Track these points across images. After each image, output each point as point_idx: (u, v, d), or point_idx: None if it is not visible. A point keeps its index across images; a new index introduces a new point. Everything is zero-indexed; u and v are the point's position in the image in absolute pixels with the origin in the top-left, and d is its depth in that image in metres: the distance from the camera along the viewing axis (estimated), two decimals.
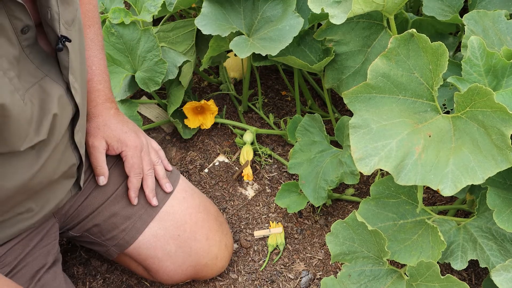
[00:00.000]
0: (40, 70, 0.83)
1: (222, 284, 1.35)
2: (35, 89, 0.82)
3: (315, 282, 1.35)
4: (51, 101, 0.86)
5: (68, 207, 1.16)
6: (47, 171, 0.94)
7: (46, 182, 0.96)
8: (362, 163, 0.93)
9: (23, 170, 0.87)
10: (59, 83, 0.87)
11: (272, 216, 1.51)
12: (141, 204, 1.20)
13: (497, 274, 0.90)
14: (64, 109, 0.89)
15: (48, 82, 0.85)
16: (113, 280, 1.37)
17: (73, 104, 0.92)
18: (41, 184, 0.95)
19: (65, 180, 1.04)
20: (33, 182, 0.91)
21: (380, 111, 0.99)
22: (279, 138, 1.72)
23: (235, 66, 1.85)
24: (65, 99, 0.89)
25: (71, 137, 0.99)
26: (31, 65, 0.82)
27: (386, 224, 1.13)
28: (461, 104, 0.93)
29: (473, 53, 0.98)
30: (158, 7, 1.45)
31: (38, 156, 0.88)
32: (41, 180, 0.94)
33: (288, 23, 1.34)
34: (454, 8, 1.32)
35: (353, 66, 1.36)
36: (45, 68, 0.84)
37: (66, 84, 0.88)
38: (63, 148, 0.98)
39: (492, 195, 0.99)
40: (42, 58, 0.84)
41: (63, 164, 0.99)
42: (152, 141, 1.27)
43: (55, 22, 0.82)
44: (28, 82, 0.81)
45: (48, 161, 0.92)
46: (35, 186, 0.93)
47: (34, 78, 0.82)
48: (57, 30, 0.83)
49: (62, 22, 0.85)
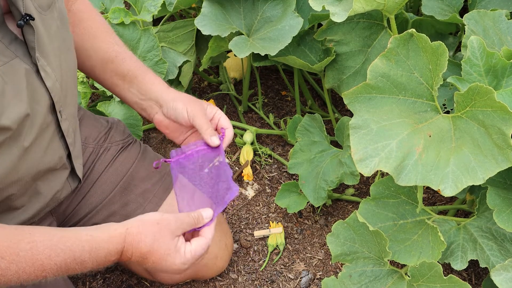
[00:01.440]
0: (9, 50, 0.84)
1: (222, 284, 1.35)
2: (7, 68, 0.82)
3: (315, 282, 1.35)
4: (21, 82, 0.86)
5: (66, 205, 1.16)
6: (32, 159, 0.93)
7: (34, 172, 0.96)
8: (363, 164, 0.93)
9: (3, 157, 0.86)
10: (28, 64, 0.87)
11: (272, 216, 1.51)
12: (139, 203, 1.20)
13: (497, 273, 0.90)
14: (36, 92, 0.89)
15: (18, 63, 0.85)
16: (113, 280, 1.37)
17: (45, 88, 0.92)
18: (29, 173, 0.94)
19: (57, 171, 1.04)
20: (18, 170, 0.91)
21: (380, 112, 0.99)
22: (279, 138, 1.71)
23: (235, 66, 1.85)
24: (36, 81, 0.89)
25: (58, 125, 0.99)
26: (1, 44, 0.82)
27: (386, 224, 1.13)
28: (461, 104, 0.93)
29: (473, 53, 0.97)
30: (158, 7, 1.45)
31: (16, 142, 0.88)
32: (28, 169, 0.93)
33: (287, 23, 1.34)
34: (453, 7, 1.32)
35: (353, 66, 1.36)
36: (13, 47, 0.85)
37: (35, 66, 0.89)
38: (49, 137, 0.97)
39: (492, 194, 0.99)
40: (11, 39, 0.85)
41: (50, 153, 0.98)
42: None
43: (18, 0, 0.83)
44: None
45: (31, 148, 0.92)
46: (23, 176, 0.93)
47: (5, 58, 0.83)
48: (21, 8, 0.83)
49: (35, 5, 0.86)
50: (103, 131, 1.25)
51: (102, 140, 1.24)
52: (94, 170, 1.21)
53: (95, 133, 1.23)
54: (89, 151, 1.21)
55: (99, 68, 1.19)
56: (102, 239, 0.91)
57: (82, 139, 1.20)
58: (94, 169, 1.21)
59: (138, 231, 0.94)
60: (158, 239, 0.94)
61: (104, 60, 1.18)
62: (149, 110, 1.17)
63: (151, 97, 1.16)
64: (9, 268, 0.82)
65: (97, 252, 0.90)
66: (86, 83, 1.56)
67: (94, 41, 1.18)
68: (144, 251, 0.94)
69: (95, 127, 1.25)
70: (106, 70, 1.18)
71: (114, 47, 1.19)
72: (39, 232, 0.88)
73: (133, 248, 0.93)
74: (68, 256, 0.87)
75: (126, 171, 1.23)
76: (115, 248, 0.92)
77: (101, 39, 1.19)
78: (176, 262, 0.96)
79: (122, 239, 0.93)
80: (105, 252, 0.91)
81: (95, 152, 1.22)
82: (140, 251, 0.94)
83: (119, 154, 1.24)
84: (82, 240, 0.89)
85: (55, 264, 0.86)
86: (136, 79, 1.17)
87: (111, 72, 1.18)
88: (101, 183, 1.20)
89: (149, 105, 1.17)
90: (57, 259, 0.86)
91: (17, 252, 0.83)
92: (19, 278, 0.83)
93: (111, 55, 1.18)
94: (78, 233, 0.91)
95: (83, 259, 0.89)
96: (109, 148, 1.24)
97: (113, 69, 1.18)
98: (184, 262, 0.96)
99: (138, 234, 0.94)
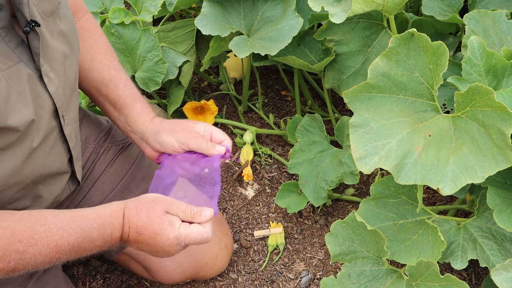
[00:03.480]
0: (15, 54, 0.84)
1: (222, 284, 1.35)
2: (12, 72, 0.83)
3: (315, 282, 1.35)
4: (25, 87, 0.86)
5: (66, 205, 1.16)
6: (35, 163, 0.94)
7: (35, 175, 0.96)
8: (362, 162, 0.93)
9: (8, 160, 0.87)
10: (32, 69, 0.88)
11: (272, 216, 1.51)
12: None
13: (496, 273, 0.90)
14: (39, 97, 0.89)
15: (22, 68, 0.86)
16: (113, 280, 1.37)
17: (48, 94, 0.92)
18: (31, 177, 0.95)
19: (58, 175, 1.04)
20: (20, 173, 0.91)
21: (380, 111, 0.99)
22: (279, 138, 1.72)
23: (235, 66, 1.85)
24: (39, 86, 0.90)
25: (61, 130, 0.99)
26: (7, 48, 0.83)
27: (386, 224, 1.13)
28: (461, 104, 0.93)
29: (473, 53, 0.98)
30: (158, 7, 1.45)
31: (22, 146, 0.88)
32: (30, 172, 0.94)
33: (287, 23, 1.34)
34: (453, 7, 1.32)
35: (353, 66, 1.36)
36: (19, 51, 0.85)
37: (39, 71, 0.89)
38: (52, 142, 0.97)
39: (492, 194, 0.99)
40: (17, 43, 0.85)
41: (53, 157, 0.99)
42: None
43: (23, 6, 0.83)
44: (4, 64, 0.82)
45: (35, 153, 0.92)
46: (24, 179, 0.93)
47: (10, 61, 0.83)
48: (26, 14, 0.83)
49: (39, 11, 0.87)
50: (103, 131, 1.25)
51: (103, 140, 1.24)
52: (94, 170, 1.21)
53: (95, 133, 1.23)
54: (89, 151, 1.21)
55: (94, 91, 1.17)
56: (105, 215, 0.94)
57: (83, 139, 1.20)
58: (94, 169, 1.21)
59: (135, 206, 0.96)
60: (151, 213, 0.96)
61: (98, 83, 1.16)
62: (138, 143, 1.15)
63: (136, 131, 1.13)
64: (27, 251, 0.84)
65: (104, 228, 0.93)
66: None
67: (92, 63, 1.16)
68: (140, 224, 0.95)
69: (96, 127, 1.25)
70: (100, 94, 1.16)
71: (110, 71, 1.16)
72: (50, 215, 0.90)
73: (130, 223, 0.95)
74: (79, 235, 0.90)
75: (126, 171, 1.23)
76: (118, 222, 0.94)
77: (98, 60, 1.17)
78: (170, 235, 0.95)
79: (121, 213, 0.95)
80: (110, 228, 0.93)
81: (95, 152, 1.22)
82: (136, 225, 0.95)
83: (119, 154, 1.25)
84: (89, 218, 0.92)
85: (68, 244, 0.89)
86: (125, 109, 1.14)
87: (104, 97, 1.16)
88: (101, 183, 1.21)
89: (136, 138, 1.14)
90: (70, 239, 0.89)
91: (32, 235, 0.85)
92: (36, 261, 0.86)
93: (105, 79, 1.15)
94: (85, 212, 0.94)
95: (93, 237, 0.92)
96: (109, 148, 1.24)
97: (106, 94, 1.15)
98: (178, 236, 0.95)
99: (134, 209, 0.96)
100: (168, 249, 0.97)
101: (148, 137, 1.11)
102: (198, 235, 0.97)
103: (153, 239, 0.95)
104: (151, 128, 1.10)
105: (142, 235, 0.95)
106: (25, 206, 0.99)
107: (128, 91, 1.15)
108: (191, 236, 0.96)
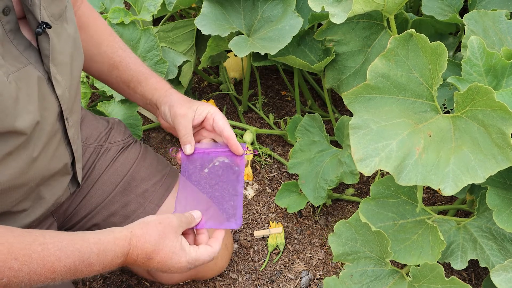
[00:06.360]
0: (23, 57, 0.84)
1: (222, 284, 1.35)
2: (21, 74, 0.83)
3: (315, 282, 1.35)
4: (33, 89, 0.86)
5: (66, 205, 1.16)
6: (40, 166, 0.94)
7: (39, 178, 0.96)
8: (363, 164, 0.93)
9: (14, 164, 0.87)
10: (40, 71, 0.88)
11: (272, 216, 1.51)
12: (140, 203, 1.20)
13: (496, 274, 0.90)
14: (45, 100, 0.90)
15: (31, 70, 0.86)
16: (113, 280, 1.37)
17: (55, 96, 0.92)
18: (35, 179, 0.95)
19: (60, 177, 1.04)
20: (25, 176, 0.91)
21: (380, 112, 0.99)
22: (279, 138, 1.72)
23: (235, 66, 1.85)
24: (46, 89, 0.90)
25: (64, 132, 1.00)
26: (15, 50, 0.83)
27: (386, 224, 1.13)
28: (461, 104, 0.93)
29: (473, 53, 0.98)
30: (158, 7, 1.45)
31: (26, 148, 0.88)
32: (34, 175, 0.94)
33: (287, 23, 1.34)
34: (453, 7, 1.32)
35: (353, 66, 1.36)
36: (27, 53, 0.85)
37: (47, 74, 0.89)
38: (56, 144, 0.98)
39: (492, 194, 0.99)
40: (26, 46, 0.85)
41: (56, 159, 0.99)
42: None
43: (35, 7, 0.83)
44: (13, 66, 0.82)
45: (39, 155, 0.92)
46: (28, 181, 0.93)
47: (19, 64, 0.83)
48: (38, 16, 0.84)
49: (48, 13, 0.87)
50: (103, 131, 1.25)
51: (103, 141, 1.24)
52: (94, 170, 1.21)
53: (95, 134, 1.24)
54: (89, 151, 1.21)
55: (106, 73, 1.23)
56: (108, 241, 0.92)
57: (83, 139, 1.21)
58: (94, 170, 1.21)
59: (143, 232, 0.95)
60: (162, 237, 0.95)
61: (109, 66, 1.22)
62: (155, 113, 1.23)
63: (152, 102, 1.21)
64: (22, 269, 0.82)
65: (105, 254, 0.91)
66: (86, 83, 1.56)
67: (99, 47, 1.21)
68: (149, 251, 0.94)
69: (96, 127, 1.25)
70: (112, 75, 1.23)
71: (118, 52, 1.22)
72: (49, 235, 0.89)
73: (139, 250, 0.94)
74: (77, 258, 0.88)
75: (127, 171, 1.23)
76: (121, 250, 0.93)
77: (105, 44, 1.22)
78: (182, 260, 0.97)
79: (127, 242, 0.94)
80: (112, 255, 0.92)
81: (95, 152, 1.22)
82: (145, 251, 0.94)
83: (120, 154, 1.25)
84: (90, 242, 0.90)
85: (65, 266, 0.87)
86: (140, 85, 1.21)
87: (116, 78, 1.23)
88: (102, 183, 1.21)
89: (153, 109, 1.23)
90: (67, 261, 0.87)
91: (29, 253, 0.84)
92: (30, 280, 0.84)
93: (115, 61, 1.21)
94: (86, 236, 0.92)
95: (91, 262, 0.90)
96: (109, 148, 1.24)
97: (118, 75, 1.22)
98: (189, 260, 0.98)
99: (142, 235, 0.95)
100: (177, 270, 0.99)
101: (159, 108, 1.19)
102: (207, 257, 1.02)
103: (163, 262, 0.96)
104: (164, 99, 1.18)
105: (152, 260, 0.96)
106: (26, 207, 0.99)
107: (139, 69, 1.22)
108: (201, 259, 1.01)
